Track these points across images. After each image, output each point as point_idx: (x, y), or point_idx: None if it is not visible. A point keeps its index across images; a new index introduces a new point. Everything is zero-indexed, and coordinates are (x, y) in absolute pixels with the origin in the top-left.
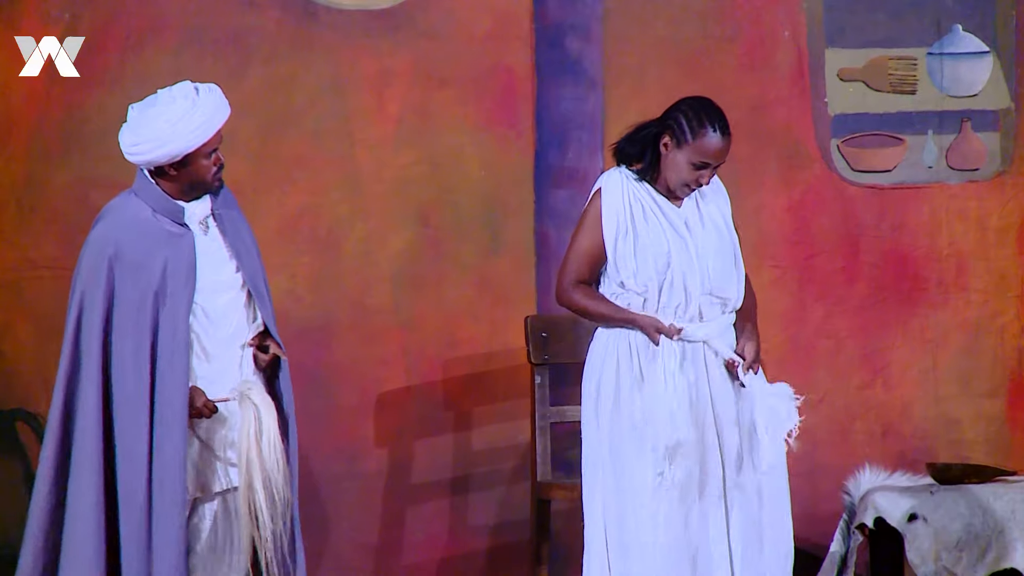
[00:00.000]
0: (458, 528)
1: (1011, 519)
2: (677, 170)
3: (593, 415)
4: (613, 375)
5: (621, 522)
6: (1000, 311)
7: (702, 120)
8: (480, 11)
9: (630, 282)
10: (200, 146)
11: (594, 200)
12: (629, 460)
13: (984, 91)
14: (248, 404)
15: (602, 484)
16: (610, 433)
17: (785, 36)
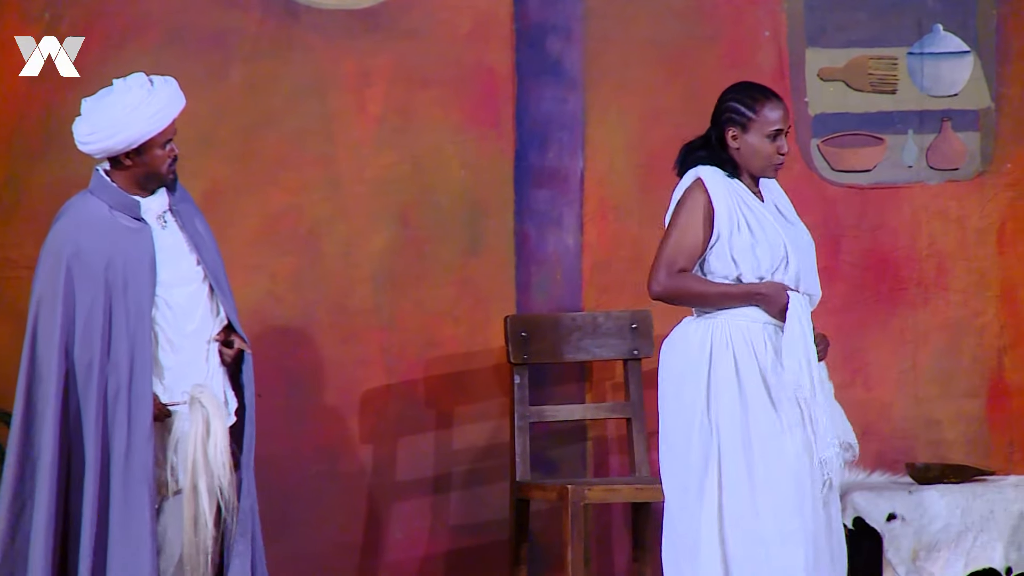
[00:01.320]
0: (438, 527)
1: (990, 519)
2: (757, 152)
3: (702, 411)
4: (731, 365)
5: (756, 514)
6: (980, 311)
7: (753, 95)
8: (461, 11)
9: (748, 276)
10: (155, 135)
11: (694, 193)
12: (768, 445)
13: (964, 91)
14: (197, 408)
15: (724, 478)
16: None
17: (766, 36)
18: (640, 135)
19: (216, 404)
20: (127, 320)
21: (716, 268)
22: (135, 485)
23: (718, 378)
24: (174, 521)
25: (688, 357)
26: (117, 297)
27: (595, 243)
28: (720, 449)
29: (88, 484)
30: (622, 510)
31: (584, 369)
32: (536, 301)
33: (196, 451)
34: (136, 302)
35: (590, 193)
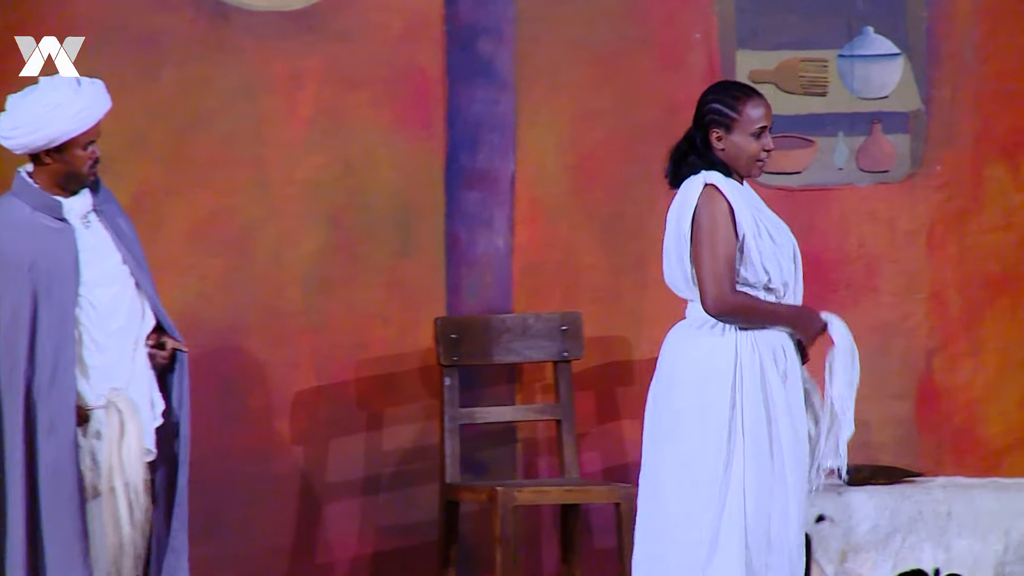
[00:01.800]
0: (368, 529)
1: (918, 520)
2: (743, 151)
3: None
4: (757, 372)
5: (769, 517)
6: (909, 313)
7: (734, 94)
8: (392, 13)
9: (776, 280)
10: (77, 135)
11: (715, 201)
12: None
13: (895, 93)
14: (113, 411)
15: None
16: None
17: (697, 38)
18: (571, 137)
19: (131, 407)
20: (50, 321)
21: (746, 276)
22: (62, 485)
23: (746, 386)
24: (98, 521)
25: (712, 361)
26: (42, 298)
27: (526, 245)
28: (745, 456)
29: (15, 485)
30: (551, 512)
31: (514, 371)
32: (466, 303)
33: (111, 454)
34: (60, 302)
35: (521, 195)
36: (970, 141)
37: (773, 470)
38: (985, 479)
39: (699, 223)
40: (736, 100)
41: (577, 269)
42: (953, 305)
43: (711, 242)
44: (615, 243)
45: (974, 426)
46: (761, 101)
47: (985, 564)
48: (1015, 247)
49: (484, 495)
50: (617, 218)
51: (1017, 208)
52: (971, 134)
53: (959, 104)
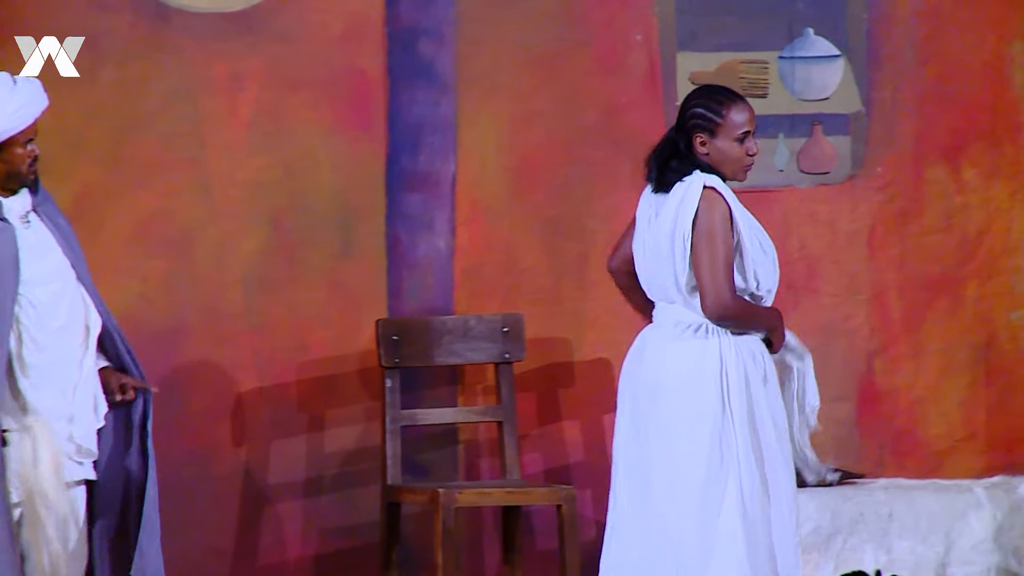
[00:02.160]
0: (310, 530)
1: (860, 521)
2: (727, 156)
3: (716, 423)
4: (743, 378)
5: (767, 520)
6: (850, 314)
7: (719, 99)
8: (332, 15)
9: (763, 289)
10: (15, 133)
11: (717, 205)
12: (775, 460)
13: (835, 95)
14: (25, 435)
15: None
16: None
17: (637, 40)
18: (512, 138)
19: (44, 428)
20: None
21: (737, 281)
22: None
23: (732, 390)
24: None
25: (699, 365)
26: None
27: (466, 247)
28: (739, 460)
29: None
30: (493, 513)
31: (455, 373)
32: (407, 305)
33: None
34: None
35: (462, 197)
36: (911, 143)
37: (765, 473)
38: (926, 481)
39: (700, 226)
40: (720, 105)
41: (518, 271)
42: (894, 307)
43: (712, 246)
44: (556, 245)
45: (915, 428)
46: (745, 106)
47: (926, 566)
48: (956, 249)
49: (425, 497)
50: (558, 220)
51: (958, 210)
52: (912, 136)
53: (900, 106)
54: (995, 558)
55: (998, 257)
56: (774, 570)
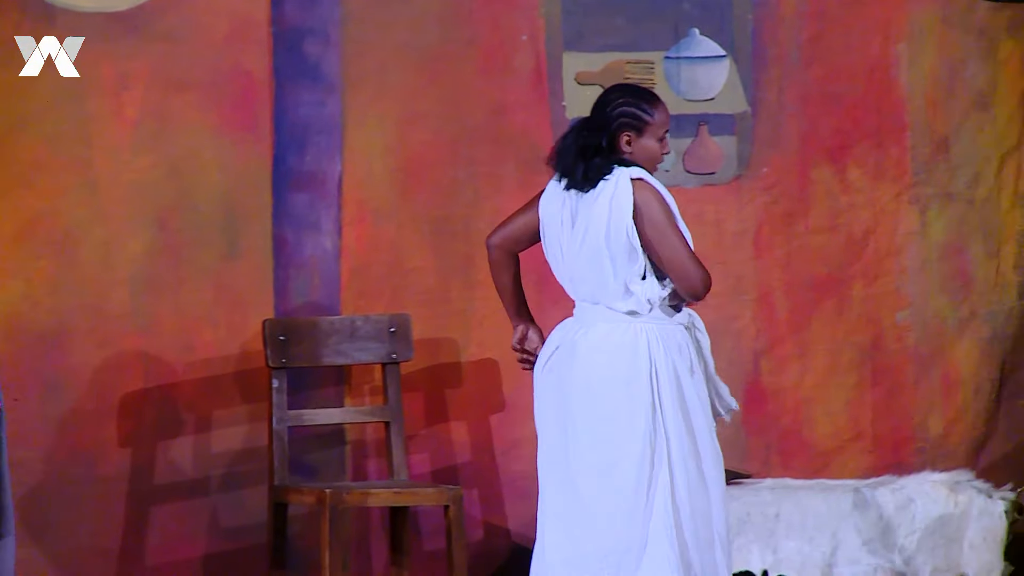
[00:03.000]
0: (197, 531)
1: (747, 522)
2: (650, 153)
3: (647, 414)
4: (671, 367)
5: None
6: (736, 315)
7: (646, 99)
8: (218, 15)
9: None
10: None
11: (653, 194)
12: (707, 449)
13: (721, 95)
14: None
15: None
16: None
17: (523, 40)
18: (398, 139)
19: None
20: None
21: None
22: None
23: (662, 380)
24: None
25: (631, 362)
26: None
27: (353, 247)
28: (670, 455)
29: None
30: (380, 514)
31: (342, 373)
32: (294, 305)
33: None
34: None
35: (348, 197)
36: (796, 143)
37: (697, 466)
38: (812, 481)
39: (651, 216)
40: (650, 105)
41: (405, 271)
42: (780, 307)
43: (674, 228)
44: (442, 245)
45: (801, 428)
46: (664, 106)
47: (813, 565)
48: (842, 249)
49: (313, 497)
50: (444, 220)
51: (843, 210)
52: (797, 136)
53: (785, 106)
54: (881, 558)
55: (884, 258)
56: (712, 563)
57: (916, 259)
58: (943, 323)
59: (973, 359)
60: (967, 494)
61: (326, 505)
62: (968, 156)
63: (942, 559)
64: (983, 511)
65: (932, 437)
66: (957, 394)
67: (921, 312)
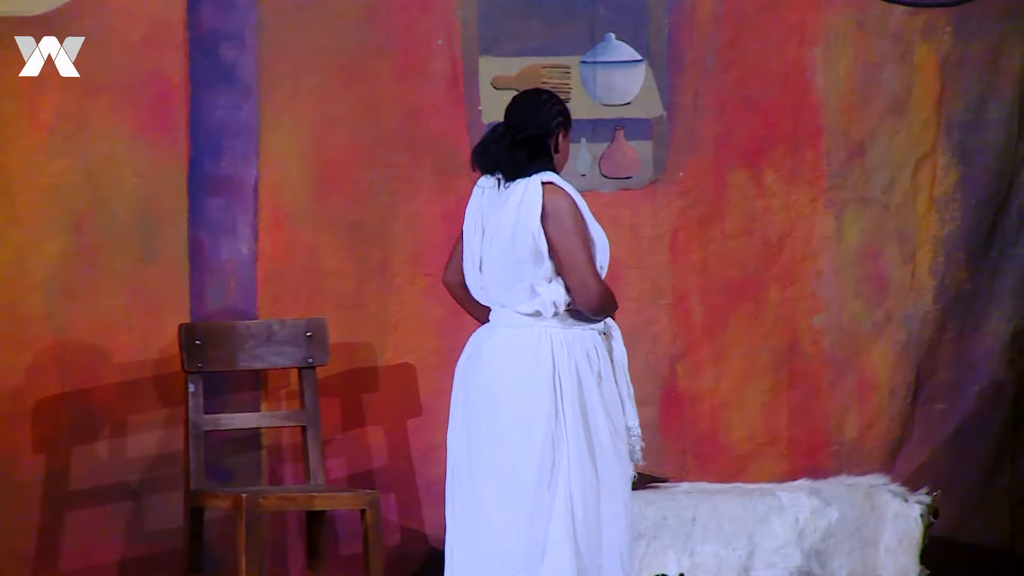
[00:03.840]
0: (113, 536)
1: (663, 525)
2: (564, 155)
3: (548, 418)
4: (574, 371)
5: (598, 518)
6: (653, 319)
7: (557, 99)
8: (134, 18)
9: (603, 271)
10: None
11: (565, 199)
12: (609, 459)
13: (637, 100)
14: None
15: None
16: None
17: (440, 44)
18: (314, 143)
19: None
20: None
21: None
22: None
23: (564, 385)
24: None
25: (532, 366)
26: None
27: (269, 251)
28: (569, 458)
29: None
30: (297, 518)
31: (259, 377)
32: (210, 309)
33: None
34: None
35: (264, 201)
36: (712, 148)
37: (596, 471)
38: (729, 485)
39: (560, 221)
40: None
41: (321, 275)
42: (696, 311)
43: (581, 238)
44: (359, 249)
45: (718, 432)
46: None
47: (729, 569)
48: (757, 253)
49: (229, 502)
50: (360, 224)
51: (759, 214)
52: (713, 141)
53: (701, 111)
54: (797, 561)
55: (799, 262)
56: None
57: (832, 263)
58: (859, 327)
59: (889, 363)
60: (883, 498)
61: (242, 509)
62: (883, 161)
63: (858, 563)
64: (899, 515)
65: (848, 441)
66: (873, 398)
67: (837, 316)
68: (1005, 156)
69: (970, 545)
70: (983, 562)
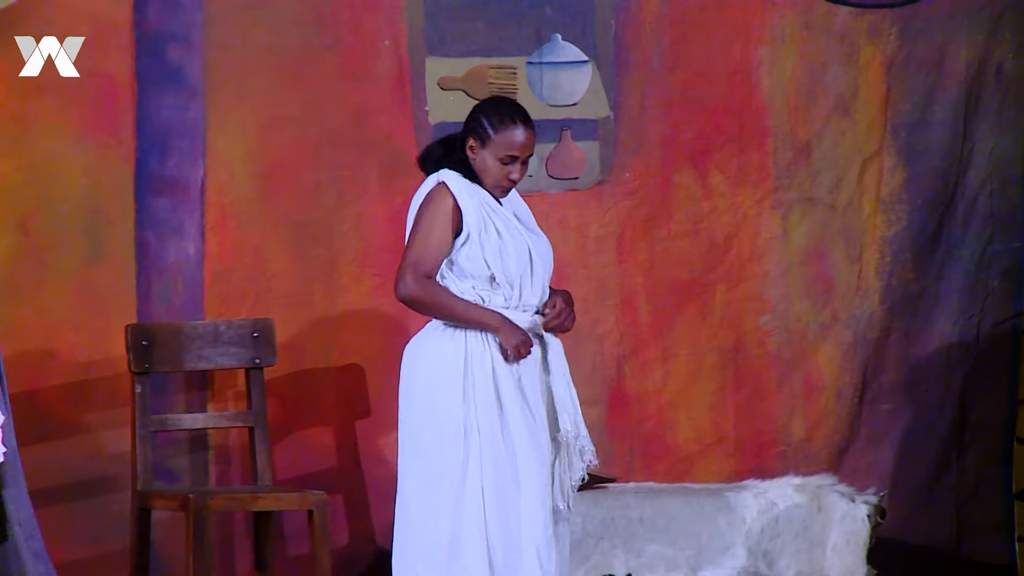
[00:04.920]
0: (60, 537)
1: (610, 526)
2: (488, 170)
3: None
4: (490, 376)
5: (518, 517)
6: (600, 319)
7: (501, 114)
8: (80, 18)
9: (501, 276)
10: None
11: (442, 195)
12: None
13: (584, 100)
14: None
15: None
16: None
17: (386, 45)
18: (260, 143)
19: None
20: None
21: (468, 269)
22: None
23: (478, 387)
24: None
25: (442, 363)
26: None
27: (216, 252)
28: (482, 454)
29: None
30: (244, 519)
31: (206, 378)
32: (157, 310)
33: None
34: None
35: (211, 201)
36: (658, 148)
37: (510, 469)
38: (676, 485)
39: (419, 217)
40: (500, 121)
41: (268, 275)
42: (643, 311)
43: (417, 232)
44: (305, 249)
45: (664, 432)
46: (523, 132)
47: (676, 569)
48: (704, 254)
49: (176, 502)
50: (307, 224)
51: (705, 214)
52: (659, 141)
53: (647, 111)
54: (744, 561)
55: (746, 262)
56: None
57: (778, 264)
58: (805, 328)
59: (835, 363)
60: (830, 498)
61: (190, 510)
62: (830, 161)
63: (805, 563)
64: (846, 515)
65: (794, 441)
66: (819, 398)
67: (783, 317)
68: (951, 157)
69: (916, 545)
70: (929, 562)
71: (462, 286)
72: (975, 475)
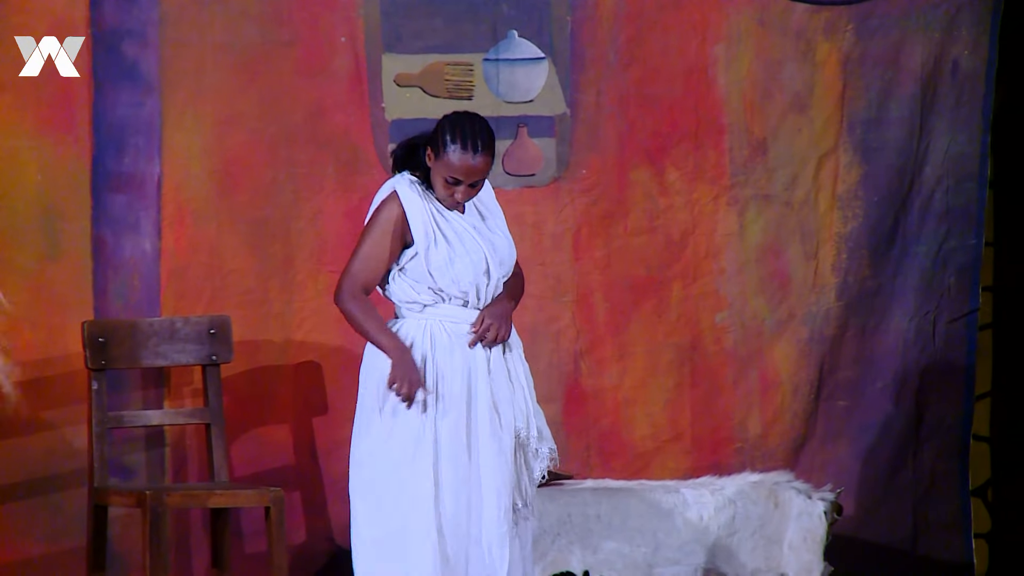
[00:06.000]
0: (16, 535)
1: (567, 522)
2: (436, 184)
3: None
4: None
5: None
6: (556, 316)
7: (454, 135)
8: (36, 15)
9: (451, 289)
10: None
11: (389, 206)
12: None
13: (540, 97)
14: None
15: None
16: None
17: (343, 41)
18: (217, 140)
19: None
20: None
21: (414, 278)
22: None
23: (443, 377)
24: None
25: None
26: None
27: (172, 248)
28: (439, 449)
29: None
30: (201, 516)
31: (162, 375)
32: (114, 306)
33: None
34: None
35: (167, 198)
36: (615, 145)
37: (470, 461)
38: (633, 482)
39: (367, 226)
40: (452, 140)
41: (224, 272)
42: (600, 308)
43: (362, 243)
44: (262, 246)
45: (621, 429)
46: (467, 156)
47: (634, 566)
48: (660, 250)
49: (133, 499)
50: (263, 221)
51: (662, 211)
52: (616, 138)
53: (604, 108)
54: (701, 558)
55: (702, 259)
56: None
57: (734, 261)
58: (761, 324)
59: (791, 360)
60: (787, 495)
61: (146, 507)
62: (786, 158)
63: (762, 560)
64: (802, 512)
65: (751, 438)
66: (775, 395)
67: (740, 313)
68: (907, 153)
69: (873, 542)
70: (887, 558)
71: (417, 288)
72: (932, 472)
